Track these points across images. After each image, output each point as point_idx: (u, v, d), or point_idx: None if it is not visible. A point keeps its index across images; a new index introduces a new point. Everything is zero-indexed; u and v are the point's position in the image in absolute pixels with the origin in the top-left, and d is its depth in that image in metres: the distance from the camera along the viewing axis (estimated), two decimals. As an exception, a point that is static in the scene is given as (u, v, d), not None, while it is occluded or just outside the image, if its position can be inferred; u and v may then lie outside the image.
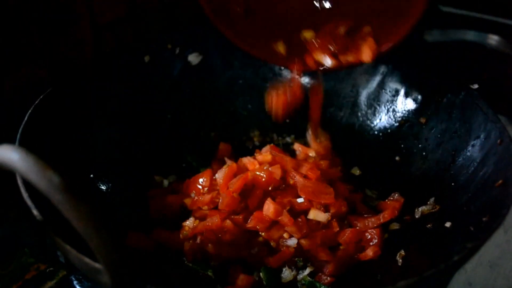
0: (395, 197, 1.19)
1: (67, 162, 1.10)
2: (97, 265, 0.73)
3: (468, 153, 1.11)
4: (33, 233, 1.14)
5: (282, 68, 1.44)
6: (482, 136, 1.09)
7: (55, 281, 1.10)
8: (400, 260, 1.06)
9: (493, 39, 1.91)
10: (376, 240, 1.11)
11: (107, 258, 0.68)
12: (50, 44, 1.30)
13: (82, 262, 0.77)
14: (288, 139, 1.42)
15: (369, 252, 1.09)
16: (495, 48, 1.89)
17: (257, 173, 1.14)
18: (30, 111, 1.07)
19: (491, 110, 1.09)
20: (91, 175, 1.17)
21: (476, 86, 1.15)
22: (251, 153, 1.29)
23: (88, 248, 0.69)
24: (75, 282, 1.10)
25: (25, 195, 0.87)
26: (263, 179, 1.13)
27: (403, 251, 1.07)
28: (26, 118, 1.06)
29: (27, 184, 0.84)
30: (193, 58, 1.41)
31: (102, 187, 1.18)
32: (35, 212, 0.85)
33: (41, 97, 1.11)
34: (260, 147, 1.30)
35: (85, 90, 1.22)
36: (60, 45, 1.33)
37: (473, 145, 1.11)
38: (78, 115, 1.19)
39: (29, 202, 0.86)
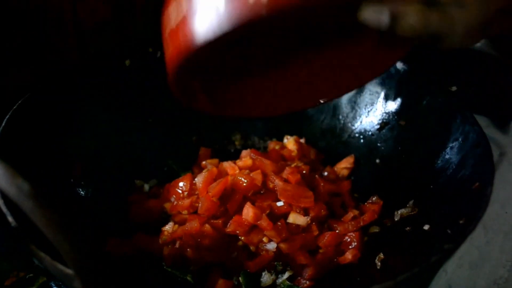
0: (374, 199, 1.19)
1: (45, 168, 1.10)
2: (68, 271, 0.73)
3: (447, 156, 1.11)
4: (8, 239, 1.13)
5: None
6: (460, 138, 1.09)
7: (34, 287, 1.09)
8: (379, 263, 1.06)
9: (476, 40, 1.91)
10: (356, 243, 1.11)
11: (78, 264, 0.68)
12: (34, 49, 1.30)
13: (55, 268, 0.77)
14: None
15: (349, 256, 1.09)
16: (478, 49, 1.90)
17: (238, 178, 1.14)
18: (8, 116, 1.07)
19: (469, 112, 1.09)
20: (71, 180, 1.17)
21: (454, 88, 1.16)
22: (232, 157, 1.29)
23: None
24: (55, 288, 1.09)
25: (0, 201, 0.86)
26: (244, 184, 1.13)
27: (382, 254, 1.07)
28: (3, 124, 1.05)
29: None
30: (175, 62, 1.39)
31: (82, 192, 1.17)
32: (10, 219, 0.85)
33: (19, 102, 1.10)
34: (241, 151, 1.30)
35: (64, 95, 1.21)
36: (45, 50, 1.32)
37: (451, 148, 1.11)
38: (57, 119, 1.18)
39: (4, 208, 0.86)
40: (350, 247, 1.11)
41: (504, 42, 1.89)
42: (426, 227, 1.05)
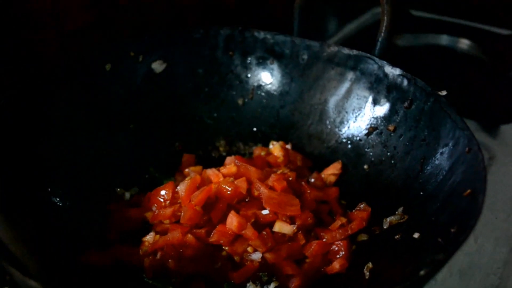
0: (362, 206, 1.16)
1: (18, 176, 1.05)
2: (35, 284, 0.69)
3: (437, 161, 1.08)
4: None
5: (249, 75, 1.41)
6: (450, 144, 1.06)
7: (11, 301, 1.05)
8: (368, 273, 1.03)
9: (464, 43, 1.90)
10: (343, 253, 1.07)
11: (43, 278, 0.65)
12: (13, 51, 1.26)
13: (23, 282, 0.73)
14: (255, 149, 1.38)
15: (336, 265, 1.06)
16: (466, 52, 1.89)
17: (222, 185, 1.11)
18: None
19: (459, 117, 1.06)
20: (48, 189, 1.12)
21: (444, 92, 1.13)
22: (217, 163, 1.25)
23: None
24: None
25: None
26: (228, 192, 1.10)
27: (370, 264, 1.04)
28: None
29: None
30: (157, 66, 1.37)
31: (60, 202, 1.12)
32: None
33: (-8, 108, 1.06)
34: (226, 157, 1.26)
35: (41, 99, 1.18)
36: (24, 53, 1.28)
37: (441, 153, 1.08)
38: (32, 125, 1.14)
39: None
40: (338, 256, 1.08)
41: (492, 46, 1.88)
42: (416, 235, 1.02)
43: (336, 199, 1.21)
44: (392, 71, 1.22)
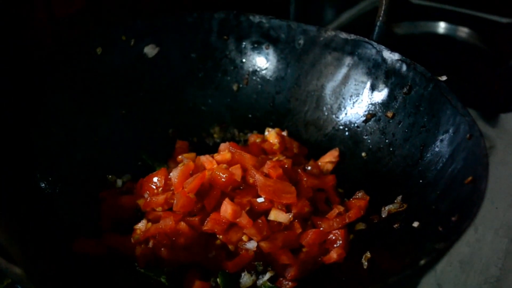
0: (360, 195, 1.13)
1: (8, 160, 1.02)
2: (18, 270, 0.66)
3: (437, 148, 1.06)
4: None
5: (244, 60, 1.38)
6: (451, 130, 1.03)
7: (0, 288, 1.03)
8: (366, 263, 1.00)
9: (463, 31, 1.88)
10: (341, 242, 1.05)
11: (27, 263, 0.62)
12: (3, 37, 1.22)
13: (6, 268, 0.70)
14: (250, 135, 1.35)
15: (333, 255, 1.03)
16: (465, 41, 1.86)
17: (216, 172, 1.07)
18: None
19: (460, 103, 1.03)
20: (37, 175, 1.09)
21: (444, 78, 1.10)
22: (211, 150, 1.22)
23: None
24: (21, 290, 1.02)
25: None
26: (222, 180, 1.07)
27: (369, 253, 1.01)
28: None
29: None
30: (149, 50, 1.33)
31: (48, 188, 1.09)
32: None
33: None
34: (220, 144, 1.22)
35: (31, 83, 1.14)
36: (15, 38, 1.25)
37: (441, 140, 1.05)
38: (21, 110, 1.11)
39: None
40: (335, 245, 1.05)
41: (491, 34, 1.86)
42: (415, 224, 0.99)
43: (333, 187, 1.18)
44: (391, 56, 1.19)
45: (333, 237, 1.06)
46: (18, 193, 1.00)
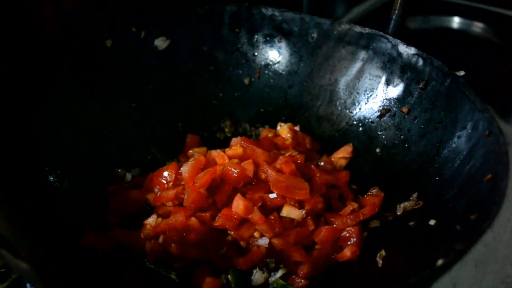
0: (374, 192, 1.11)
1: (16, 153, 1.00)
2: (25, 266, 0.64)
3: (454, 145, 1.03)
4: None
5: (256, 53, 1.35)
6: (469, 126, 1.01)
7: (7, 284, 1.02)
8: (381, 261, 0.98)
9: (477, 26, 1.85)
10: (355, 239, 1.02)
11: (34, 259, 0.60)
12: (11, 29, 1.21)
13: (14, 264, 0.68)
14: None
15: (347, 252, 1.01)
16: (480, 36, 1.83)
17: (228, 167, 1.05)
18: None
19: (478, 98, 1.01)
20: (45, 168, 1.07)
21: (462, 73, 1.07)
22: (222, 145, 1.20)
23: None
24: (28, 285, 1.00)
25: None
26: (234, 175, 1.05)
27: (383, 251, 0.99)
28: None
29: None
30: (160, 43, 1.31)
31: (57, 182, 1.07)
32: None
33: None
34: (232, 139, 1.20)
35: (39, 76, 1.12)
36: (22, 30, 1.24)
37: (459, 136, 1.02)
38: (30, 102, 1.09)
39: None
40: (349, 243, 1.03)
41: (506, 29, 1.83)
42: (432, 222, 0.97)
43: (346, 183, 1.16)
44: (407, 50, 1.16)
45: (347, 235, 1.04)
46: (25, 187, 0.98)
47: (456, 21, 1.89)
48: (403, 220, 1.04)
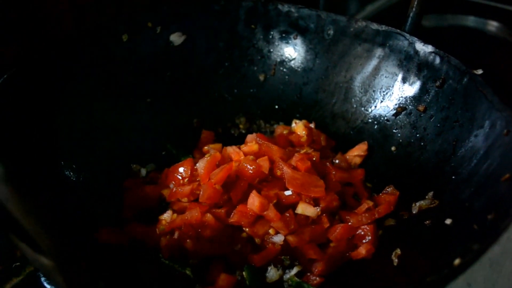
0: (390, 190, 1.11)
1: (30, 149, 1.01)
2: (47, 261, 0.64)
3: (471, 144, 1.02)
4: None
5: (271, 50, 1.35)
6: (486, 125, 1.00)
7: (21, 277, 1.01)
8: (396, 260, 0.98)
9: (493, 25, 1.83)
10: (370, 238, 1.02)
11: (56, 255, 0.60)
12: (28, 23, 1.22)
13: (34, 259, 0.68)
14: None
15: (362, 250, 1.01)
16: (495, 35, 1.82)
17: (243, 164, 1.05)
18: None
19: (496, 97, 1.00)
20: (61, 162, 1.08)
21: (480, 71, 1.06)
22: (236, 141, 1.20)
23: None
24: (42, 279, 1.00)
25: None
26: (250, 171, 1.04)
27: (399, 250, 0.98)
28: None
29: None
30: (176, 38, 1.31)
31: (73, 176, 1.08)
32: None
33: (4, 77, 1.01)
34: (246, 135, 1.19)
35: (55, 71, 1.13)
36: (39, 24, 1.25)
37: (476, 135, 1.02)
38: (46, 97, 1.10)
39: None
40: (364, 241, 1.03)
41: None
42: (448, 221, 0.96)
43: (361, 181, 1.15)
44: (424, 48, 1.16)
45: (362, 233, 1.03)
46: (43, 180, 0.98)
47: (471, 20, 1.87)
48: (419, 219, 1.03)
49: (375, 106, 1.24)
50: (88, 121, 1.16)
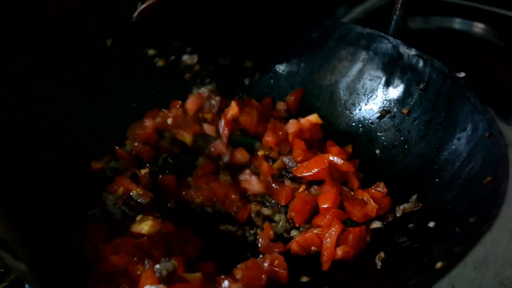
0: (380, 188, 1.11)
1: (13, 153, 1.01)
2: (22, 266, 0.64)
3: (454, 147, 1.03)
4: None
5: (256, 54, 1.35)
6: (469, 128, 1.01)
7: (5, 284, 1.01)
8: (380, 263, 0.97)
9: (478, 27, 1.84)
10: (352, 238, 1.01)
11: (31, 261, 0.60)
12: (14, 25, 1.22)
13: (12, 264, 0.68)
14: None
15: (338, 251, 1.00)
16: (481, 37, 1.83)
17: None
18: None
19: (478, 100, 1.01)
20: (43, 170, 1.07)
21: (462, 74, 1.07)
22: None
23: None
24: (26, 286, 1.00)
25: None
26: None
27: (383, 253, 0.98)
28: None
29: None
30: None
31: (54, 183, 1.07)
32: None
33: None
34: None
35: (39, 74, 1.13)
36: (24, 25, 1.25)
37: (459, 138, 1.03)
38: (30, 99, 1.10)
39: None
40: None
41: (508, 30, 1.82)
42: (431, 224, 0.97)
43: (354, 172, 1.16)
44: (407, 51, 1.17)
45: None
46: (22, 189, 0.98)
47: (457, 22, 1.88)
48: (403, 222, 1.04)
49: (360, 109, 1.25)
50: (72, 126, 1.16)
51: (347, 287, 0.98)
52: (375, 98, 1.23)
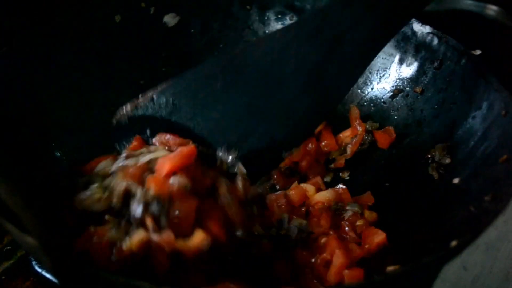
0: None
1: (20, 127, 1.01)
2: (32, 241, 0.63)
3: (468, 126, 1.02)
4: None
5: (267, 32, 1.33)
6: (484, 106, 0.99)
7: (12, 261, 1.02)
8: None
9: (492, 9, 1.81)
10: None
11: (41, 234, 0.59)
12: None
13: (21, 240, 0.67)
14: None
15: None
16: (494, 19, 1.80)
17: None
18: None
19: (495, 78, 0.99)
20: (53, 143, 1.07)
21: (478, 52, 1.06)
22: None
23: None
24: (33, 262, 1.00)
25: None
26: None
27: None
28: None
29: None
30: (170, 19, 1.29)
31: (63, 157, 1.07)
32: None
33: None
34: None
35: (45, 54, 1.11)
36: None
37: (473, 117, 1.01)
38: (35, 80, 1.09)
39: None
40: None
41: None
42: (444, 203, 0.95)
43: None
44: (421, 29, 1.15)
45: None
46: (32, 162, 0.97)
47: (469, 4, 1.85)
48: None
49: (372, 88, 1.23)
50: (79, 103, 1.15)
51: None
52: (388, 77, 1.21)
